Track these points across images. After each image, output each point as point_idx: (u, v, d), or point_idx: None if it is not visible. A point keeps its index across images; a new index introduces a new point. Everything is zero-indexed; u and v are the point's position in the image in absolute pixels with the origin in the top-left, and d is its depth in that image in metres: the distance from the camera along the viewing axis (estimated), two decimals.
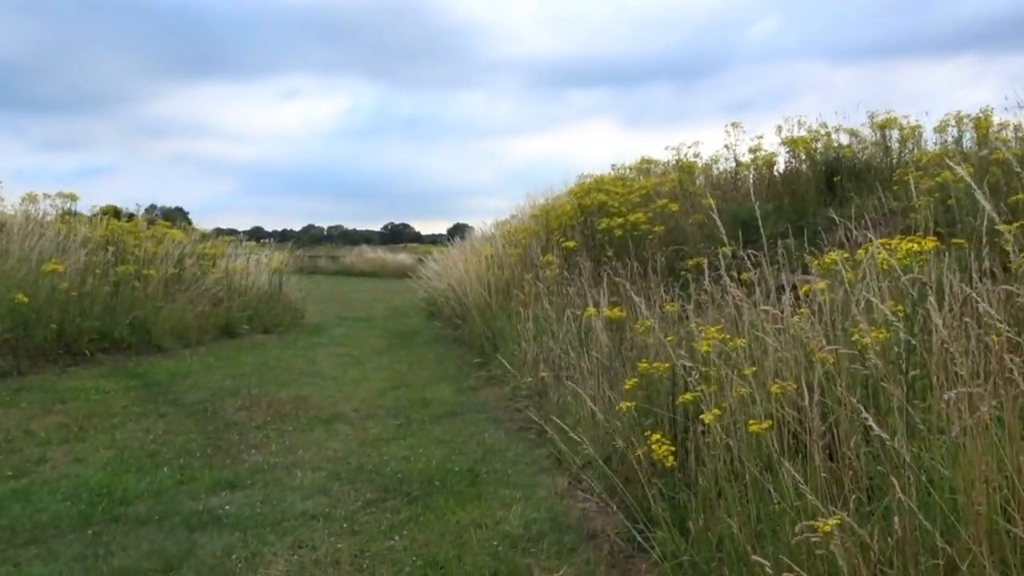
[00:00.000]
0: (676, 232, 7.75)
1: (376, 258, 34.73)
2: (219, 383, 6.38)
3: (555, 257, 7.06)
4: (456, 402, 6.00)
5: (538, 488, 3.95)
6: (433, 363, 7.86)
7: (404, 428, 5.20)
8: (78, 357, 6.48)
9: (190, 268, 8.40)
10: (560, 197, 9.96)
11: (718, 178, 9.45)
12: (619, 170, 10.05)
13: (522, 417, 5.45)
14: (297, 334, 9.98)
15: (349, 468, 4.26)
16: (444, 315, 10.95)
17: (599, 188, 7.98)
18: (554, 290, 6.37)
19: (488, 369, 6.96)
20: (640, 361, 3.62)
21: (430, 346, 9.27)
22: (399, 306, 15.74)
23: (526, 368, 5.82)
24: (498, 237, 9.38)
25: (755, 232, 7.55)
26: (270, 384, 6.48)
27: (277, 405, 5.75)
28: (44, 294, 6.41)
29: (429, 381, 6.88)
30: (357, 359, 8.14)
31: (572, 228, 8.09)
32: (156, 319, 7.30)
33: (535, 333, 5.98)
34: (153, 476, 4.05)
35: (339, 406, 5.81)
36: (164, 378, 6.36)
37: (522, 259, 7.60)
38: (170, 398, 5.81)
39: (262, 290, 9.93)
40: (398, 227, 79.76)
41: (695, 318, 4.60)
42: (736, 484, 2.37)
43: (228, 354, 7.73)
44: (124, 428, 4.95)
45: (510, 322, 6.47)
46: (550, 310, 6.16)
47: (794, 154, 8.27)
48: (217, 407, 5.60)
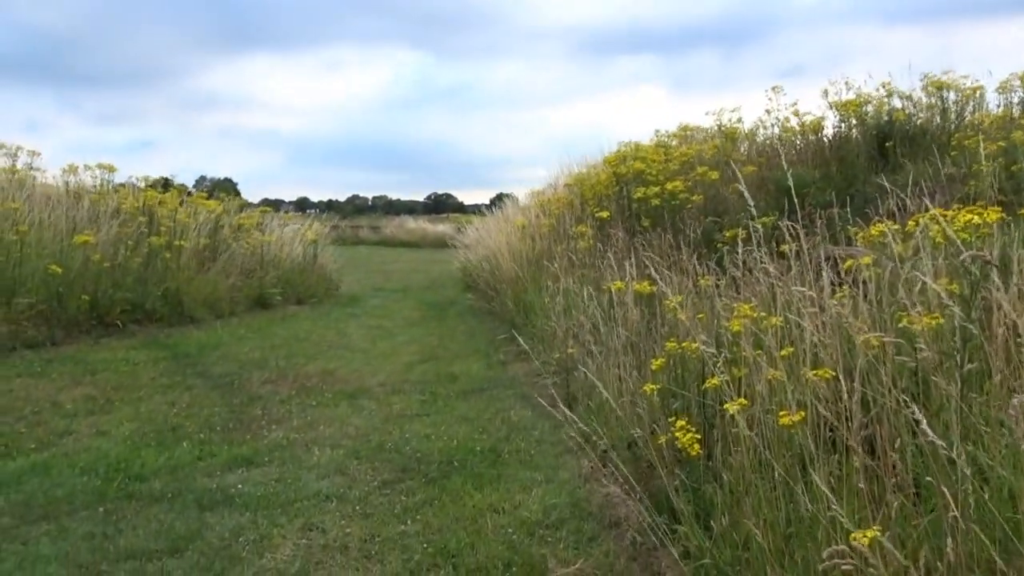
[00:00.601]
0: (715, 201, 7.42)
1: (417, 228, 34.78)
2: (247, 355, 6.35)
3: (588, 228, 6.82)
4: (484, 377, 5.86)
5: (561, 470, 3.80)
6: (464, 336, 7.74)
7: (429, 404, 5.08)
8: (111, 328, 6.52)
9: (224, 239, 8.38)
10: (596, 166, 9.67)
11: (763, 145, 9.05)
12: (660, 137, 9.69)
13: (550, 394, 5.29)
14: (331, 305, 9.96)
15: (369, 446, 4.15)
16: (479, 287, 10.80)
17: (636, 156, 7.68)
18: (586, 262, 6.15)
19: (518, 343, 6.79)
20: (668, 340, 3.41)
21: (463, 318, 9.15)
22: (437, 277, 15.66)
23: (555, 343, 5.63)
24: (532, 207, 9.16)
25: (801, 201, 7.21)
26: (298, 356, 6.43)
27: (303, 378, 5.69)
28: (77, 265, 6.44)
29: (458, 355, 6.76)
30: (388, 331, 8.06)
31: (607, 198, 7.83)
32: (188, 290, 7.31)
33: (564, 307, 5.78)
34: (172, 451, 4.00)
35: (365, 380, 5.72)
36: (194, 349, 6.36)
37: (554, 230, 7.38)
38: (198, 370, 5.79)
39: (296, 261, 9.91)
40: (441, 197, 79.91)
41: (729, 293, 4.35)
42: (764, 481, 2.17)
43: (260, 325, 7.72)
44: (150, 400, 4.94)
45: (540, 295, 6.29)
46: (580, 283, 5.94)
47: (843, 118, 7.82)
48: (244, 380, 5.56)
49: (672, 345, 3.25)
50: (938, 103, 7.43)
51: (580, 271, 6.04)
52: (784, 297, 3.07)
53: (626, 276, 5.42)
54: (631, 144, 8.65)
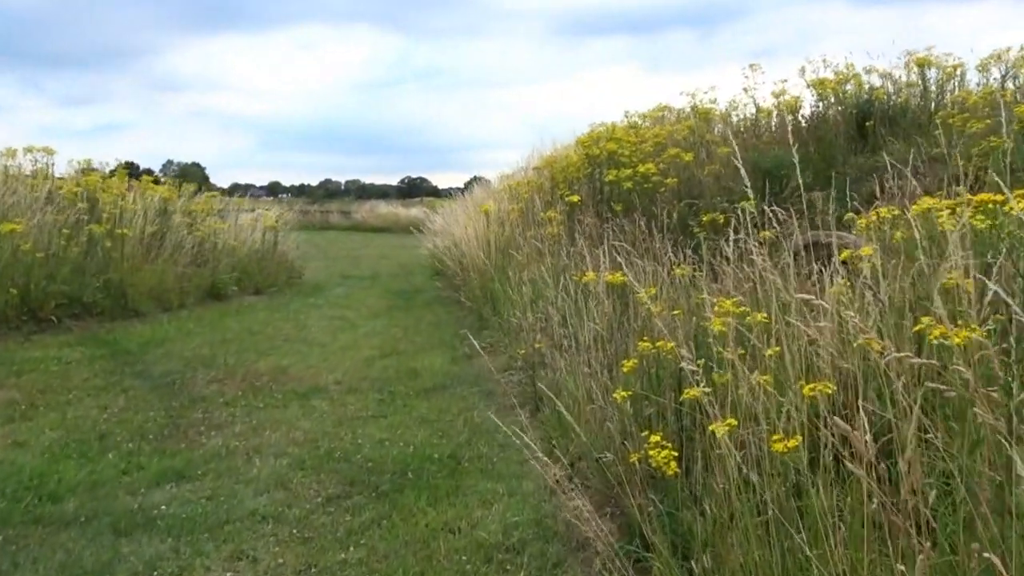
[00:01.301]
0: (690, 185, 7.11)
1: (389, 213, 34.23)
2: (194, 351, 5.93)
3: (558, 213, 6.48)
4: (447, 373, 5.52)
5: (525, 480, 3.47)
6: (430, 327, 7.38)
7: (387, 404, 4.73)
8: (44, 324, 6.06)
9: (173, 226, 7.90)
10: (568, 148, 9.30)
11: (738, 125, 8.75)
12: (632, 118, 9.35)
13: (517, 391, 4.96)
14: (292, 295, 9.52)
15: (316, 455, 3.79)
16: (447, 274, 10.44)
17: (609, 137, 7.33)
18: (554, 250, 5.81)
19: (486, 335, 6.45)
20: (641, 338, 3.08)
21: (430, 308, 8.78)
22: (406, 263, 15.24)
23: (522, 336, 5.30)
24: (500, 192, 8.78)
25: (779, 184, 6.93)
26: (249, 352, 6.02)
27: (253, 377, 5.30)
28: (6, 256, 5.95)
29: (422, 348, 6.40)
30: (351, 323, 7.67)
31: (578, 181, 7.48)
32: (132, 281, 6.84)
33: (532, 298, 5.45)
34: (95, 464, 3.61)
35: (320, 378, 5.35)
36: (135, 346, 5.93)
37: (523, 216, 7.03)
38: (138, 369, 5.37)
39: (253, 249, 9.44)
40: (415, 181, 79.07)
41: (709, 284, 4.04)
42: (753, 510, 1.86)
43: (211, 318, 7.28)
44: (79, 405, 4.52)
45: (507, 285, 5.94)
46: (547, 273, 5.61)
47: (821, 97, 7.54)
48: (187, 379, 5.16)
49: (645, 345, 2.93)
50: (919, 81, 7.18)
51: (548, 259, 5.70)
52: (768, 291, 2.76)
53: (597, 264, 5.09)
54: (605, 125, 8.30)
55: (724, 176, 6.90)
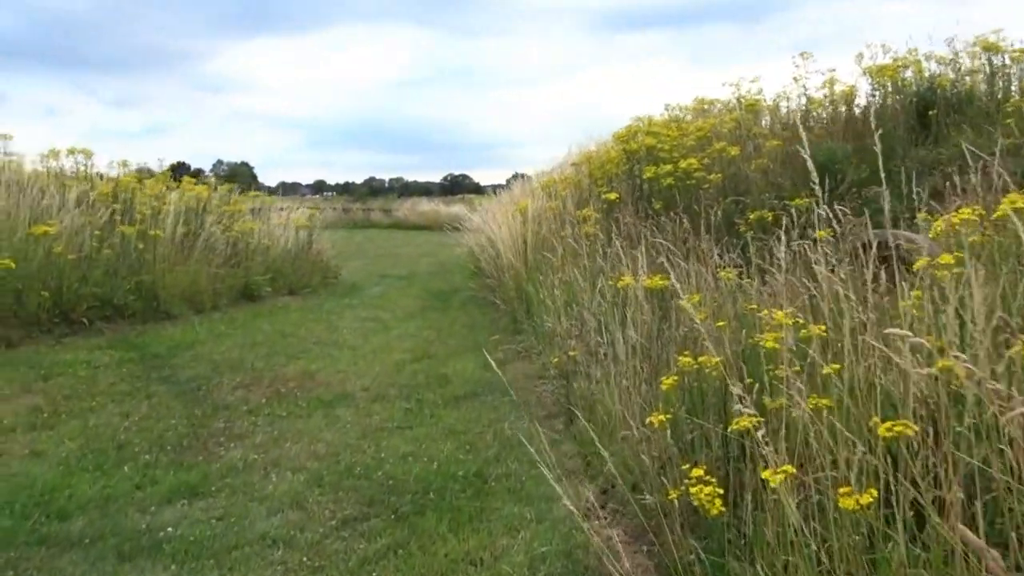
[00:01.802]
0: (736, 181, 6.76)
1: (430, 210, 34.19)
2: (223, 355, 5.81)
3: (594, 212, 6.19)
4: (479, 380, 5.29)
5: (556, 504, 3.21)
6: (463, 329, 7.16)
7: (414, 414, 4.52)
8: (76, 326, 6.01)
9: (209, 227, 7.84)
10: (605, 143, 9.00)
11: (786, 117, 8.33)
12: (672, 111, 8.99)
13: (551, 401, 4.72)
14: (326, 296, 9.42)
15: (336, 470, 3.60)
16: (483, 274, 10.22)
17: (647, 131, 7.02)
18: (590, 251, 5.53)
19: (520, 340, 6.21)
20: (682, 352, 2.80)
21: (465, 309, 8.57)
22: (445, 261, 15.08)
23: (556, 343, 5.04)
24: (537, 190, 8.52)
25: (833, 179, 6.53)
26: (279, 356, 5.88)
27: (279, 382, 5.15)
28: (39, 258, 5.92)
29: (455, 352, 6.18)
30: (384, 324, 7.50)
31: (616, 178, 7.18)
32: (164, 283, 6.78)
33: (565, 302, 5.18)
34: (110, 477, 3.47)
35: (348, 384, 5.17)
36: (164, 349, 5.83)
37: (559, 214, 6.76)
38: (165, 374, 5.27)
39: (287, 248, 9.35)
40: (458, 178, 79.32)
41: (758, 289, 3.73)
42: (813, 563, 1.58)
43: (243, 320, 7.18)
44: (102, 412, 4.41)
45: (540, 288, 5.69)
46: (582, 275, 5.34)
47: (879, 85, 7.10)
48: (213, 385, 5.03)
49: (687, 361, 2.65)
50: (985, 67, 6.69)
51: (584, 261, 5.42)
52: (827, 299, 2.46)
53: (636, 266, 4.81)
54: (644, 119, 7.97)
55: (772, 171, 6.53)
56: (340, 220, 33.30)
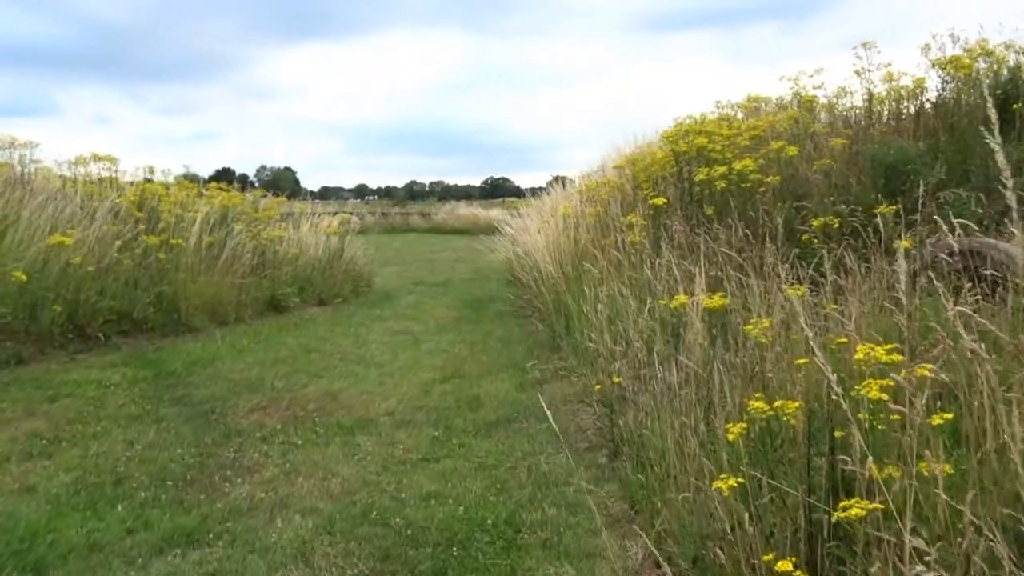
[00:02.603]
0: (794, 183, 6.21)
1: (469, 214, 33.90)
2: (242, 373, 5.48)
3: (640, 218, 5.71)
4: (514, 402, 4.85)
5: (600, 561, 2.76)
6: (498, 344, 6.73)
7: (441, 443, 4.11)
8: (92, 341, 5.74)
9: (233, 235, 7.55)
10: (651, 144, 8.49)
11: (847, 114, 7.72)
12: (723, 108, 8.44)
13: (592, 429, 4.25)
14: (357, 305, 9.07)
15: (350, 513, 3.20)
16: (521, 282, 9.78)
17: (698, 130, 6.51)
18: (636, 261, 5.06)
19: (558, 357, 5.76)
20: (753, 395, 2.32)
21: (500, 320, 8.13)
22: (482, 267, 14.69)
23: (598, 364, 4.58)
24: (576, 194, 8.06)
25: (904, 180, 5.91)
26: (300, 374, 5.53)
27: (299, 405, 4.78)
28: (56, 270, 5.67)
29: (488, 369, 5.76)
30: (414, 338, 7.11)
31: (664, 181, 6.68)
32: (186, 294, 6.49)
33: (609, 318, 4.72)
34: (101, 518, 3.13)
35: (371, 406, 4.78)
36: (181, 366, 5.52)
37: (600, 221, 6.29)
38: (178, 394, 4.94)
39: (315, 256, 9.03)
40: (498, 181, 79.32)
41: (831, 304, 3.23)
42: None
43: (267, 333, 6.86)
44: (105, 438, 4.09)
45: (581, 300, 5.23)
46: (627, 288, 4.87)
47: (952, 78, 6.47)
48: (228, 407, 4.69)
49: (759, 406, 2.17)
50: None
51: (629, 272, 4.95)
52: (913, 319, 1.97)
53: (688, 279, 4.33)
54: (693, 117, 7.45)
55: (836, 172, 5.96)
56: (378, 224, 33.30)
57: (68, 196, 6.93)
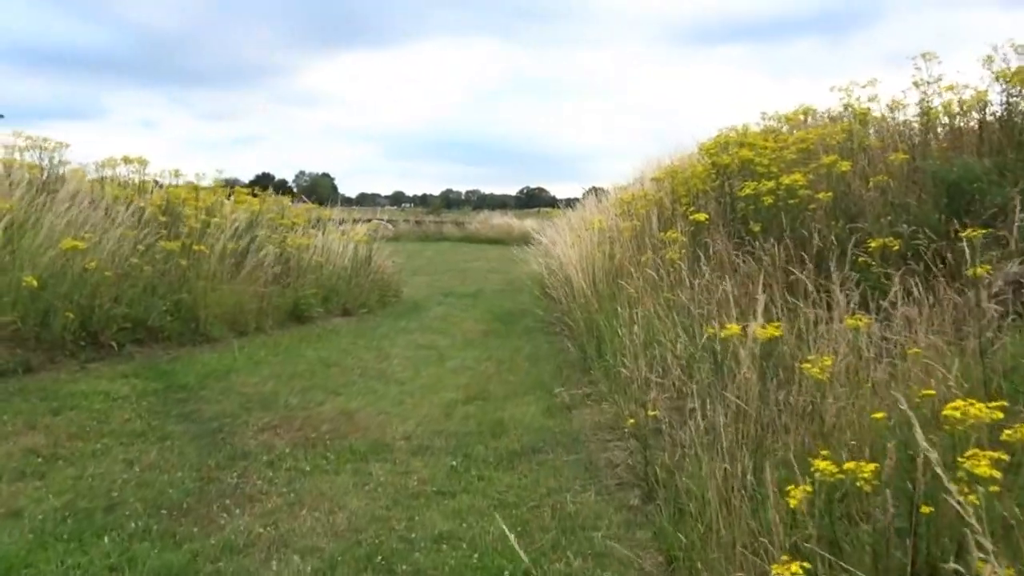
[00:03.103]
0: (846, 201, 5.80)
1: (503, 224, 33.70)
2: (257, 388, 5.23)
3: (680, 234, 5.36)
4: (540, 429, 4.52)
5: None
6: (527, 362, 6.40)
7: (459, 474, 3.80)
8: (104, 350, 5.55)
9: (258, 242, 7.35)
10: (690, 157, 8.11)
11: (900, 128, 7.26)
12: (768, 120, 8.04)
13: (624, 465, 3.90)
14: (384, 316, 8.82)
15: (354, 555, 2.90)
16: (553, 295, 9.45)
17: (742, 142, 6.14)
18: (674, 281, 4.71)
19: (589, 379, 5.42)
20: (819, 453, 1.96)
21: (530, 336, 7.81)
22: (515, 279, 14.39)
23: (632, 392, 4.23)
24: (611, 207, 7.72)
25: (967, 200, 5.48)
26: (317, 390, 5.26)
27: (312, 425, 4.52)
28: (71, 275, 5.50)
29: (515, 391, 5.44)
30: (440, 353, 6.83)
31: (704, 196, 6.32)
32: (207, 303, 6.29)
33: (645, 341, 4.37)
34: (85, 551, 2.88)
35: (388, 429, 4.49)
36: (194, 379, 5.30)
37: (637, 236, 5.94)
38: (188, 409, 4.71)
39: (341, 265, 8.80)
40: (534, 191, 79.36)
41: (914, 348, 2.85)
42: None
43: (287, 345, 6.62)
44: (105, 457, 3.86)
45: (615, 321, 4.89)
46: (664, 309, 4.52)
47: (1017, 91, 6.00)
48: (238, 425, 4.44)
49: (827, 467, 1.82)
50: None
51: (667, 293, 4.60)
52: None
53: (730, 304, 3.97)
54: (736, 128, 7.07)
55: (893, 190, 5.54)
56: (412, 232, 33.25)
57: (95, 199, 6.80)
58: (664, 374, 4.18)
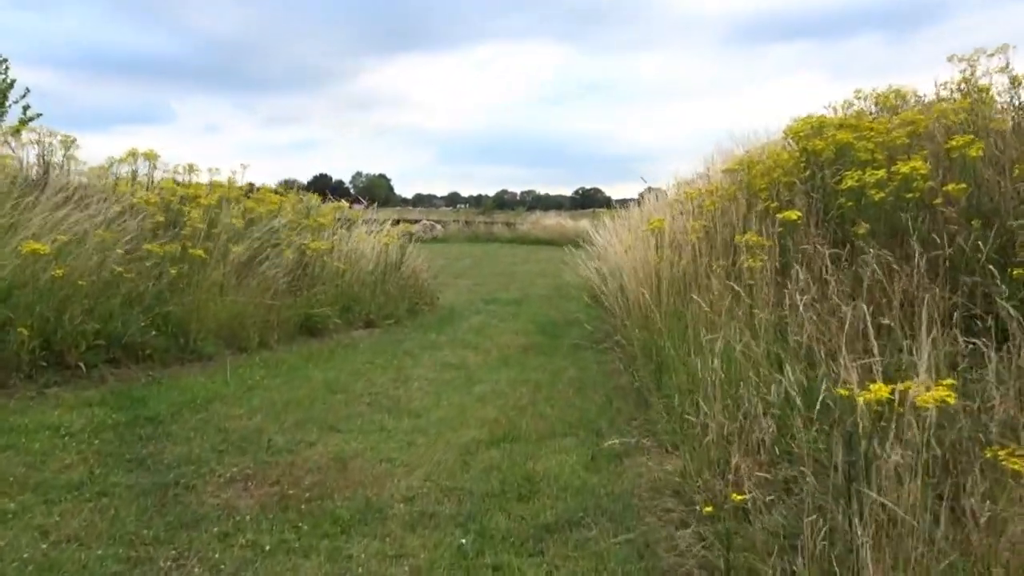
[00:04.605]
0: (979, 195, 4.58)
1: (555, 225, 32.64)
2: (240, 421, 4.34)
3: (763, 237, 4.24)
4: (581, 490, 3.49)
5: None
6: (569, 390, 5.37)
7: (469, 562, 2.80)
8: (71, 371, 4.73)
9: (276, 246, 6.49)
10: (764, 147, 6.93)
11: None
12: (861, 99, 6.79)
13: (697, 559, 2.83)
14: (412, 328, 7.87)
15: None
16: (604, 305, 8.37)
17: (841, 123, 4.99)
18: (766, 297, 3.61)
19: (646, 419, 4.35)
20: None
21: (576, 354, 6.76)
22: (564, 283, 13.33)
23: (706, 447, 3.16)
24: (674, 204, 6.60)
25: None
26: (311, 425, 4.34)
27: (294, 476, 3.58)
28: (38, 286, 4.71)
29: (552, 429, 4.42)
30: (468, 375, 5.85)
31: (789, 189, 5.17)
32: (200, 315, 5.45)
33: (726, 380, 3.29)
34: None
35: (388, 484, 3.53)
36: (167, 409, 4.43)
37: (709, 237, 4.84)
38: (146, 451, 3.83)
39: (367, 271, 7.89)
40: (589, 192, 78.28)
41: None
42: None
43: (292, 364, 5.72)
44: (17, 523, 2.99)
45: (683, 350, 3.82)
46: (751, 333, 3.43)
47: None
48: (201, 475, 3.54)
49: None
50: None
51: (758, 311, 3.52)
52: None
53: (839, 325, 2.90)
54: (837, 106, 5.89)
55: None
56: (461, 233, 32.45)
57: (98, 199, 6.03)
58: (747, 422, 3.10)
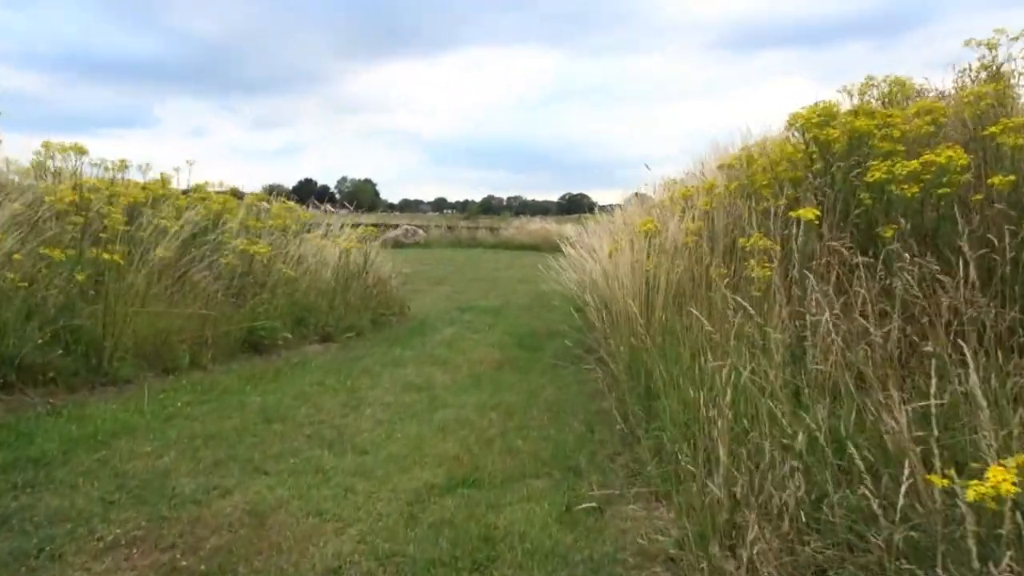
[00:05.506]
0: (1017, 192, 3.95)
1: (539, 230, 32.02)
2: (145, 462, 3.60)
3: (769, 239, 3.57)
4: (551, 554, 2.78)
5: None
6: (546, 415, 4.67)
7: None
8: None
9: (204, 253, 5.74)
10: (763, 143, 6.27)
11: None
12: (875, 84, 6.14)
13: None
14: (374, 342, 7.14)
15: None
16: (587, 314, 7.68)
17: (857, 110, 4.35)
18: (776, 314, 2.93)
19: (633, 458, 3.66)
20: None
21: (555, 372, 6.07)
22: (546, 291, 12.63)
23: (709, 507, 2.47)
24: (663, 204, 5.93)
25: None
26: (232, 466, 3.61)
27: (194, 539, 2.85)
28: None
29: (523, 469, 3.71)
30: (431, 397, 5.14)
31: (796, 186, 4.51)
32: (117, 331, 4.70)
33: (733, 420, 2.59)
34: None
35: (310, 550, 2.81)
36: (59, 447, 3.67)
37: (706, 240, 4.15)
38: (17, 505, 3.08)
39: (324, 278, 7.16)
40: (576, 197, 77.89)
41: None
42: None
43: (228, 386, 4.97)
44: None
45: (679, 379, 3.14)
46: (770, 360, 2.75)
47: None
48: (73, 540, 2.80)
49: None
50: None
51: (761, 329, 2.84)
52: None
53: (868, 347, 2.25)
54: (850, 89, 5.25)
55: None
56: (444, 238, 31.70)
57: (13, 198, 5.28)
58: (763, 476, 2.41)
